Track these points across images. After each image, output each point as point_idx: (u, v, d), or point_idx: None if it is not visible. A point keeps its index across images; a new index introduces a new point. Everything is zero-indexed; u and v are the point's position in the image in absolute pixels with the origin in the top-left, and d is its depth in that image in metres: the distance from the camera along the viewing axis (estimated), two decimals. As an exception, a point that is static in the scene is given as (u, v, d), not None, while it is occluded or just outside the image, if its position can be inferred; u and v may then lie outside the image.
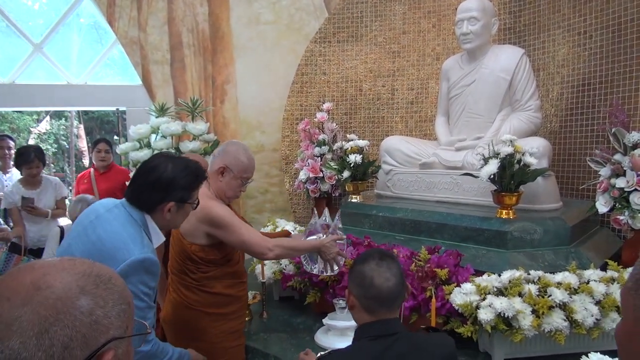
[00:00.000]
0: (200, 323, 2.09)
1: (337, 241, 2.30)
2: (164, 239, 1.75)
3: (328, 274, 2.35)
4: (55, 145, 16.39)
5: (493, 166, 2.70)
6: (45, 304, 0.66)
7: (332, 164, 3.86)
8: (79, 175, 4.43)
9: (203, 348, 2.07)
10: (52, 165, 15.00)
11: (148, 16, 4.84)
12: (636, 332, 0.58)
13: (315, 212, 2.43)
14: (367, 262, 1.47)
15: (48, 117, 16.03)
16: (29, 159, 3.69)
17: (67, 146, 16.49)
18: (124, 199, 1.71)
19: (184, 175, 1.71)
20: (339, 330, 2.48)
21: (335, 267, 2.32)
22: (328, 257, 2.25)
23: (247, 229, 2.08)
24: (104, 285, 0.74)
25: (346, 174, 3.57)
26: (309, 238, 2.31)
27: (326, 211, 2.41)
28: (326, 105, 4.32)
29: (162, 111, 3.99)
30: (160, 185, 1.67)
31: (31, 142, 15.72)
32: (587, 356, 1.41)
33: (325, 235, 2.32)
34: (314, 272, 2.37)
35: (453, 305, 2.27)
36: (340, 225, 2.39)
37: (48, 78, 5.23)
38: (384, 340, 1.37)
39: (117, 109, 5.39)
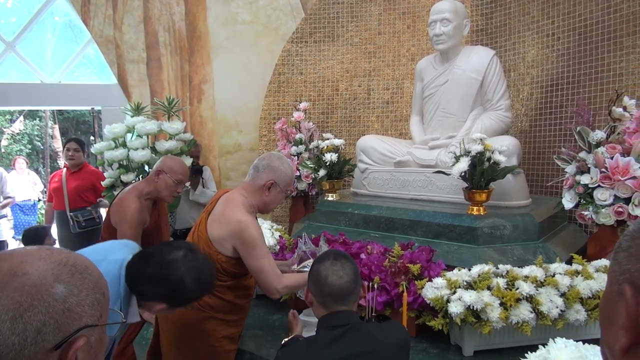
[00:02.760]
0: (205, 325, 2.12)
1: None
2: (138, 319, 1.71)
3: None
4: (30, 146, 16.06)
5: (464, 164, 2.77)
6: (20, 290, 0.69)
7: (308, 162, 3.90)
8: (52, 174, 4.43)
9: (203, 349, 2.12)
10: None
11: (123, 15, 4.81)
12: (611, 294, 0.62)
13: (300, 239, 2.48)
14: (323, 262, 1.57)
15: (22, 117, 15.70)
16: None
17: (42, 147, 16.18)
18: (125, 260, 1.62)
19: (191, 288, 1.60)
20: (314, 325, 2.50)
21: None
22: None
23: (269, 260, 2.10)
24: (80, 274, 0.76)
25: (322, 172, 3.61)
26: (300, 265, 2.36)
27: (305, 236, 2.46)
28: (303, 105, 4.36)
29: (137, 110, 3.97)
30: (162, 286, 1.58)
31: (4, 142, 15.38)
32: (554, 341, 1.48)
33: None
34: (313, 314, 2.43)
35: (425, 299, 2.33)
36: (326, 248, 2.45)
37: (21, 77, 5.16)
38: (340, 329, 1.48)
39: (92, 109, 5.34)
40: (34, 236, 3.43)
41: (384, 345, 1.47)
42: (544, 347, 1.47)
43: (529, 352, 1.50)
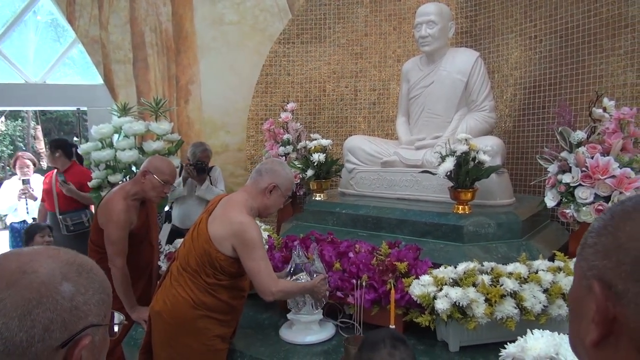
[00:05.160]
0: (199, 324, 2.15)
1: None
2: None
3: (317, 311, 2.49)
4: (11, 147, 15.83)
5: (449, 164, 2.83)
6: (29, 287, 0.69)
7: (296, 163, 3.92)
8: (45, 174, 4.41)
9: (196, 347, 2.14)
10: (7, 168, 14.46)
11: (109, 15, 4.78)
12: (579, 289, 0.65)
13: (294, 250, 2.52)
14: (378, 350, 1.31)
15: (3, 118, 15.46)
16: None
17: (24, 148, 15.94)
18: None
19: None
20: (302, 324, 2.53)
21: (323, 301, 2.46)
22: (319, 296, 2.36)
23: (267, 263, 2.14)
24: (86, 274, 0.77)
25: (310, 172, 3.64)
26: (293, 278, 2.40)
27: (299, 248, 2.50)
28: (290, 106, 4.37)
29: (124, 111, 3.95)
30: None
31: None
32: (532, 332, 1.54)
33: (307, 274, 2.41)
34: (301, 313, 2.48)
35: (412, 296, 2.37)
36: (319, 264, 2.49)
37: (4, 77, 5.10)
38: None
39: (78, 109, 5.29)
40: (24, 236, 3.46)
41: None
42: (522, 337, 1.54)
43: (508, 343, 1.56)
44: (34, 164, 4.64)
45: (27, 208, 4.31)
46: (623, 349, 0.58)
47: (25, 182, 4.30)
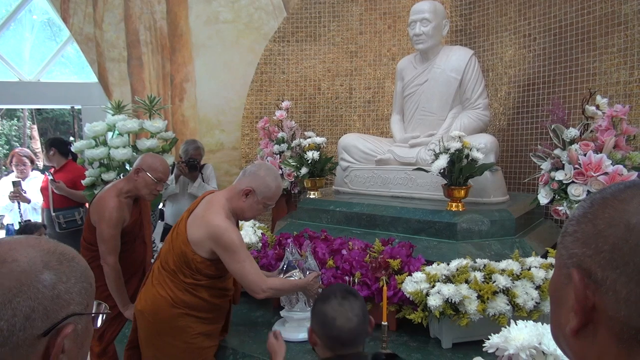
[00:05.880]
0: (180, 322, 2.13)
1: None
2: None
3: (309, 308, 2.48)
4: (7, 147, 15.77)
5: (443, 161, 2.82)
6: (9, 276, 0.69)
7: (290, 161, 3.92)
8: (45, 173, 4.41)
9: (178, 346, 2.12)
10: (3, 167, 14.40)
11: (104, 13, 4.77)
12: (559, 278, 0.65)
13: (287, 247, 2.52)
14: (329, 301, 1.46)
15: (-1, 117, 15.41)
16: None
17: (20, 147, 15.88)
18: None
19: None
20: (295, 321, 2.53)
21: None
22: (312, 294, 2.35)
23: (251, 262, 2.12)
24: (68, 262, 0.77)
25: (304, 170, 3.64)
26: (286, 275, 2.40)
27: (292, 245, 2.50)
28: (285, 104, 4.37)
29: (118, 109, 3.94)
30: None
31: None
32: (516, 323, 1.55)
33: (300, 271, 2.41)
34: (294, 310, 2.49)
35: (405, 293, 2.37)
36: (313, 261, 2.49)
37: (-1, 75, 5.08)
38: None
39: (72, 108, 5.28)
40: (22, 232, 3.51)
41: None
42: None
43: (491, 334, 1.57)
44: (32, 161, 4.50)
45: (19, 211, 4.27)
46: (602, 337, 0.58)
47: (15, 184, 4.23)
